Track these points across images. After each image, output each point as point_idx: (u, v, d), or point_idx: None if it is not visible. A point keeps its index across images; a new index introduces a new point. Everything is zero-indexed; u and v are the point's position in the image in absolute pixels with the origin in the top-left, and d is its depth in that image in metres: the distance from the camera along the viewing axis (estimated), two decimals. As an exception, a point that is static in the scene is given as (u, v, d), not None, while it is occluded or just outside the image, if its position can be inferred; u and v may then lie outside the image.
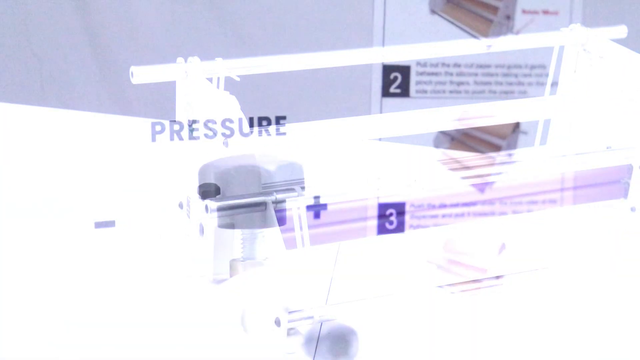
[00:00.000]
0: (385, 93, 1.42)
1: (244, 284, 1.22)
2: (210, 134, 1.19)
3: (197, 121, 1.21)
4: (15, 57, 2.45)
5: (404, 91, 1.42)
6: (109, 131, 1.55)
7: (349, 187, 1.18)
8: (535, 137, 1.43)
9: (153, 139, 1.13)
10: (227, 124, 1.17)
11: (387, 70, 1.45)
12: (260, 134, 1.14)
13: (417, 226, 1.29)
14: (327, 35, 2.31)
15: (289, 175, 1.13)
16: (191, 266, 1.24)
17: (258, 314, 1.16)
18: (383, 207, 1.26)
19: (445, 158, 1.32)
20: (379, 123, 1.30)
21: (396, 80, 1.42)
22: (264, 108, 1.18)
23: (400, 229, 1.30)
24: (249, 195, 1.12)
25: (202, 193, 1.13)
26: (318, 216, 1.15)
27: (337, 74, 1.53)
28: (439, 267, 1.33)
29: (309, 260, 1.12)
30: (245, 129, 1.14)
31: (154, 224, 1.33)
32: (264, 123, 1.19)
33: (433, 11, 1.43)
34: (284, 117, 1.18)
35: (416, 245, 1.36)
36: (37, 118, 1.62)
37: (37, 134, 1.55)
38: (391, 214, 1.27)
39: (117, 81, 2.42)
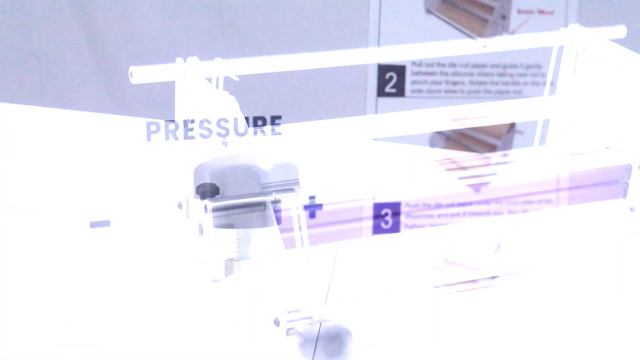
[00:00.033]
0: (381, 93, 1.42)
1: (241, 284, 1.22)
2: (206, 133, 1.20)
3: (193, 121, 1.21)
4: (14, 57, 2.45)
5: (400, 91, 1.42)
6: (108, 131, 1.55)
7: (348, 187, 1.18)
8: (535, 137, 1.43)
9: (148, 139, 1.13)
10: (223, 124, 1.17)
11: (383, 70, 1.45)
12: (255, 134, 1.13)
13: (416, 226, 1.29)
14: (322, 34, 2.31)
15: (284, 176, 1.13)
16: (190, 266, 1.24)
17: (257, 314, 1.16)
18: (381, 207, 1.26)
19: (442, 158, 1.32)
20: (374, 123, 1.30)
21: (392, 80, 1.42)
22: (259, 108, 1.18)
23: (398, 229, 1.30)
24: (248, 195, 1.12)
25: (201, 193, 1.13)
26: (314, 216, 1.15)
27: (333, 73, 1.53)
28: (434, 267, 1.33)
29: (307, 260, 1.12)
30: (244, 129, 1.14)
31: (153, 224, 1.33)
32: (259, 123, 1.19)
33: (428, 11, 1.43)
34: (279, 117, 1.18)
35: (414, 245, 1.36)
36: (36, 118, 1.62)
37: (36, 134, 1.55)
38: (387, 214, 1.28)
39: (116, 81, 2.42)
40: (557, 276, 1.24)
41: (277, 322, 1.10)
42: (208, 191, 1.14)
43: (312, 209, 1.15)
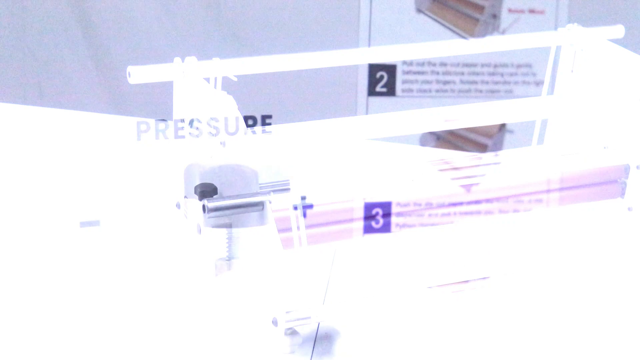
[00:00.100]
0: (372, 92, 1.42)
1: (238, 284, 1.22)
2: (196, 133, 1.20)
3: (192, 120, 1.22)
4: (12, 57, 2.45)
5: (390, 90, 1.42)
6: (106, 131, 1.55)
7: (343, 187, 1.18)
8: (533, 137, 1.43)
9: (138, 138, 1.13)
10: (213, 123, 1.17)
11: (373, 69, 1.45)
12: (245, 133, 1.13)
13: (417, 226, 1.29)
14: (313, 33, 2.31)
15: (275, 175, 1.13)
16: (189, 266, 1.24)
17: (255, 314, 1.16)
18: (378, 207, 1.26)
19: (436, 159, 1.33)
20: (367, 124, 1.30)
21: (382, 79, 1.42)
22: (249, 107, 1.18)
23: (398, 230, 1.30)
24: (246, 195, 1.12)
25: (200, 193, 1.13)
26: (304, 216, 1.15)
27: (324, 72, 1.53)
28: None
29: (306, 260, 1.12)
30: (243, 129, 1.14)
31: (151, 224, 1.33)
32: (250, 122, 1.19)
33: (419, 10, 1.43)
34: (269, 116, 1.18)
35: (413, 246, 1.36)
36: (35, 118, 1.61)
37: (34, 134, 1.55)
38: (385, 215, 1.28)
39: (114, 81, 2.42)
40: (555, 276, 1.24)
41: (275, 322, 1.10)
42: (207, 191, 1.14)
43: (303, 209, 1.14)
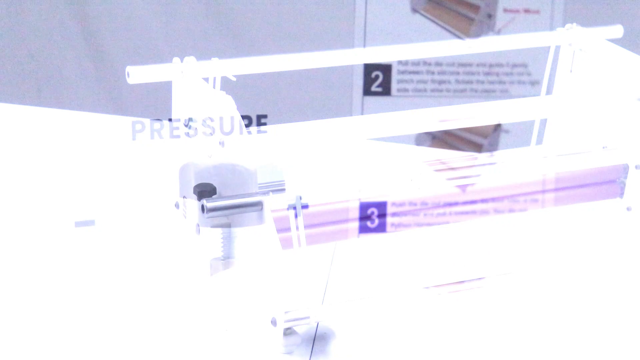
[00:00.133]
0: (367, 92, 1.42)
1: (235, 284, 1.22)
2: (192, 132, 1.20)
3: (189, 119, 1.22)
4: (11, 57, 2.45)
5: (386, 90, 1.42)
6: (105, 131, 1.55)
7: (342, 188, 1.18)
8: (532, 137, 1.43)
9: (133, 138, 1.13)
10: (209, 122, 1.17)
11: (369, 68, 1.45)
12: (241, 133, 1.13)
13: (409, 226, 1.29)
14: (308, 32, 2.31)
15: (270, 175, 1.13)
16: (186, 266, 1.24)
17: (253, 314, 1.16)
18: (377, 207, 1.26)
19: (432, 159, 1.33)
20: (363, 124, 1.30)
21: (378, 79, 1.42)
22: (244, 106, 1.18)
23: (393, 229, 1.30)
24: (245, 195, 1.12)
25: (198, 193, 1.13)
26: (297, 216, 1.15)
27: (319, 72, 1.53)
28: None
29: (305, 260, 1.12)
30: (242, 129, 1.14)
31: (148, 224, 1.33)
32: (245, 122, 1.19)
33: (414, 10, 1.43)
34: (265, 116, 1.18)
35: (410, 246, 1.36)
36: (33, 118, 1.61)
37: (33, 134, 1.55)
38: (384, 214, 1.28)
39: (113, 81, 2.42)
40: (553, 277, 1.24)
41: (274, 322, 1.10)
42: (205, 191, 1.14)
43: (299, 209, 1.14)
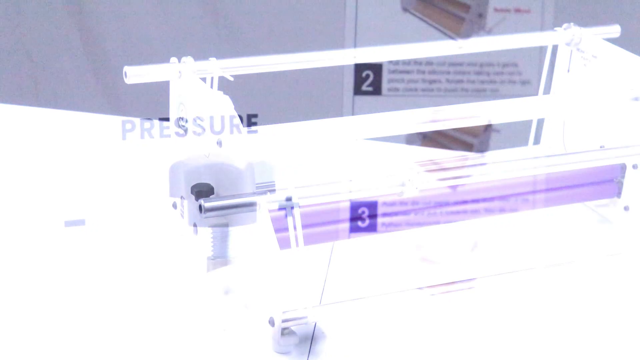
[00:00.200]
0: (357, 91, 1.42)
1: (233, 284, 1.22)
2: (182, 132, 1.20)
3: (180, 119, 1.22)
4: (8, 58, 2.45)
5: (376, 89, 1.42)
6: (102, 131, 1.55)
7: (333, 187, 1.18)
8: (529, 136, 1.42)
9: (123, 137, 1.13)
10: (199, 122, 1.17)
11: (359, 68, 1.45)
12: (231, 132, 1.13)
13: (411, 225, 1.29)
14: (300, 31, 2.30)
15: (260, 174, 1.13)
16: (185, 265, 1.24)
17: (251, 314, 1.16)
18: (366, 207, 1.26)
19: (424, 160, 1.32)
20: (355, 124, 1.30)
21: (368, 78, 1.42)
22: (234, 105, 1.18)
23: (383, 229, 1.30)
24: (243, 195, 1.12)
25: (196, 193, 1.13)
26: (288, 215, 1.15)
27: (309, 71, 1.53)
28: (414, 263, 1.33)
29: (303, 260, 1.12)
30: (240, 128, 1.14)
31: (144, 224, 1.32)
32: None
33: (405, 9, 1.42)
34: (255, 115, 1.18)
35: (407, 245, 1.36)
36: (31, 118, 1.61)
37: (30, 134, 1.55)
38: (383, 214, 1.28)
39: (110, 81, 2.41)
40: (550, 276, 1.24)
41: (271, 322, 1.10)
42: (203, 191, 1.14)
43: (290, 209, 1.14)
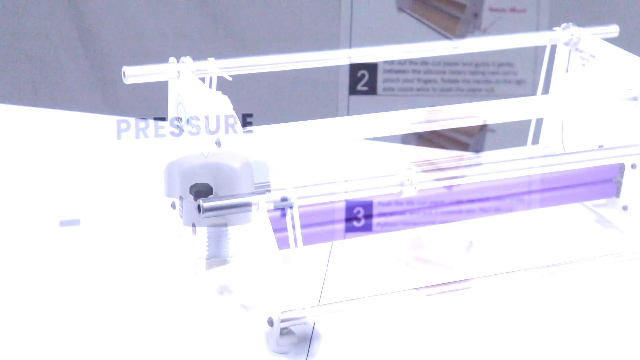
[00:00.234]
0: (353, 91, 1.42)
1: (231, 283, 1.22)
2: (176, 132, 1.20)
3: (175, 118, 1.22)
4: (6, 57, 2.45)
5: (372, 89, 1.42)
6: (101, 131, 1.55)
7: (328, 187, 1.18)
8: (528, 136, 1.42)
9: (118, 137, 1.13)
10: (194, 122, 1.17)
11: (354, 67, 1.45)
12: (227, 132, 1.14)
13: (409, 225, 1.29)
14: (296, 30, 2.30)
15: (254, 174, 1.13)
16: (184, 265, 1.24)
17: (252, 313, 1.16)
18: (361, 207, 1.26)
19: (419, 160, 1.32)
20: (350, 125, 1.30)
21: (363, 78, 1.42)
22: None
23: (378, 229, 1.30)
24: (241, 195, 1.12)
25: (195, 193, 1.13)
26: (284, 215, 1.15)
27: (304, 70, 1.53)
28: (407, 265, 1.33)
29: (301, 260, 1.12)
30: (238, 128, 1.14)
31: (145, 224, 1.32)
32: (231, 120, 1.19)
33: (400, 8, 1.43)
34: (250, 115, 1.18)
35: (406, 244, 1.36)
36: (29, 118, 1.61)
37: (28, 135, 1.55)
38: (366, 214, 1.28)
39: (109, 81, 2.41)
40: (548, 276, 1.24)
41: (270, 322, 1.10)
42: (202, 191, 1.14)
43: (282, 210, 1.14)
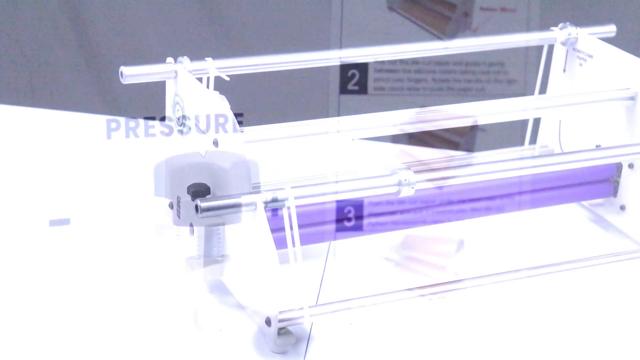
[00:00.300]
0: (343, 90, 1.42)
1: (230, 283, 1.22)
2: (167, 131, 1.20)
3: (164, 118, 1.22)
4: (4, 57, 2.45)
5: (362, 88, 1.43)
6: (99, 131, 1.55)
7: (319, 187, 1.18)
8: (526, 136, 1.43)
9: (108, 137, 1.14)
10: (185, 121, 1.17)
11: (345, 67, 1.45)
12: (217, 132, 1.14)
13: (407, 225, 1.29)
14: (285, 29, 2.30)
15: (245, 173, 1.13)
16: (183, 265, 1.24)
17: (252, 313, 1.16)
18: (352, 207, 1.26)
19: (411, 160, 1.33)
20: (342, 125, 1.30)
21: (354, 77, 1.43)
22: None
23: (369, 229, 1.30)
24: (238, 195, 1.12)
25: (192, 193, 1.13)
26: (276, 215, 1.15)
27: (295, 70, 1.53)
28: (397, 265, 1.33)
29: (300, 260, 1.12)
30: (236, 128, 1.14)
31: (145, 224, 1.33)
32: (221, 120, 1.19)
33: (391, 8, 1.43)
34: (241, 114, 1.18)
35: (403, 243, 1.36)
36: (27, 118, 1.62)
37: (26, 135, 1.55)
38: (356, 214, 1.28)
39: (107, 82, 2.42)
40: (546, 275, 1.24)
41: (268, 322, 1.10)
42: (200, 191, 1.14)
43: (273, 211, 1.15)
